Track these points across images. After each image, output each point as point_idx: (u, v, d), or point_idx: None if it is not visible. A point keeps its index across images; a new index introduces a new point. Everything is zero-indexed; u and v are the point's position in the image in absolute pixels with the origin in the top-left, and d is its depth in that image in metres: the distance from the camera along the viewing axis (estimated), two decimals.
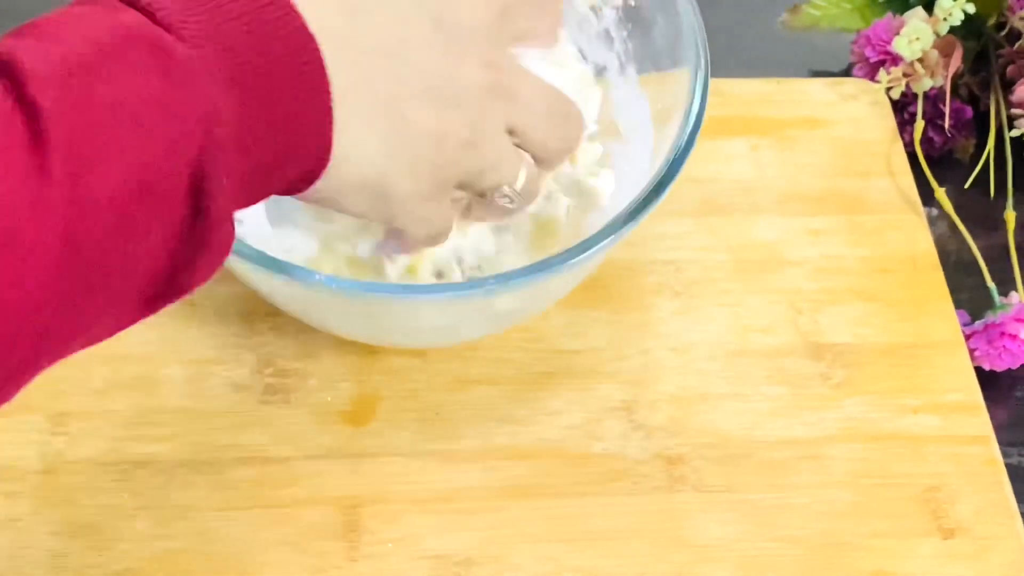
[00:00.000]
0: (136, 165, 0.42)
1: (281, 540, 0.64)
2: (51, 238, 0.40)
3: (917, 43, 0.83)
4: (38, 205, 0.40)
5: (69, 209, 0.40)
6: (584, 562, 0.64)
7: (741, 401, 0.71)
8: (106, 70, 0.42)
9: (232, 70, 0.45)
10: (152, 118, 0.42)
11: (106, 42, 0.42)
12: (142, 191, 0.42)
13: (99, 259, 0.42)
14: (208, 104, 0.44)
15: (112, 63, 0.42)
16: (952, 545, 0.66)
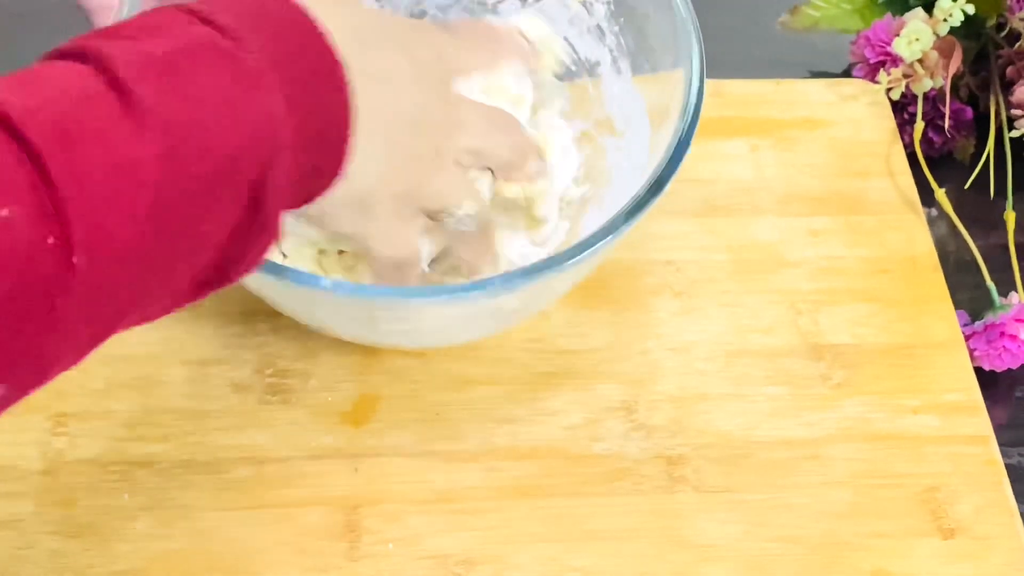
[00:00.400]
0: (214, 152, 0.46)
1: (281, 540, 0.64)
2: (145, 202, 0.43)
3: (917, 44, 0.83)
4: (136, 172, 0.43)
5: (160, 177, 0.44)
6: (584, 562, 0.64)
7: (741, 401, 0.71)
8: (186, 68, 0.46)
9: (285, 83, 0.49)
10: (229, 111, 0.46)
11: (182, 46, 0.46)
12: (221, 173, 0.46)
13: (178, 226, 0.45)
14: (272, 115, 0.48)
15: (191, 63, 0.46)
16: (952, 545, 0.66)
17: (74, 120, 0.43)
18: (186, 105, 0.45)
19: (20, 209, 0.40)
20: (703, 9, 0.96)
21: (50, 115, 0.42)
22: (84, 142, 0.42)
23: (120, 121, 0.43)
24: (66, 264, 0.42)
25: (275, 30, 0.50)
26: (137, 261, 0.44)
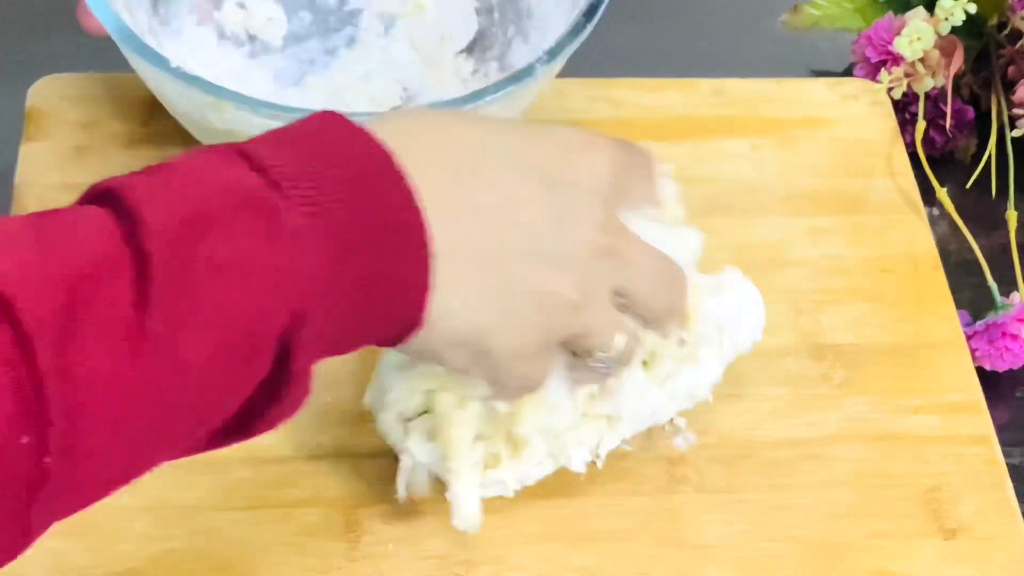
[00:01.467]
0: (230, 326, 0.43)
1: (281, 540, 0.64)
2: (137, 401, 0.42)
3: (918, 43, 0.83)
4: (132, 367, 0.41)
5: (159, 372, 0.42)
6: (585, 562, 0.64)
7: (742, 401, 0.71)
8: (216, 230, 0.44)
9: (335, 239, 0.46)
10: (253, 282, 0.44)
11: (218, 202, 0.44)
12: (231, 352, 0.44)
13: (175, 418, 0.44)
14: (308, 274, 0.45)
15: (223, 224, 0.44)
16: (953, 545, 0.66)
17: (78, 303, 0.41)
18: (201, 276, 0.43)
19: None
20: (703, 9, 0.97)
21: (52, 297, 0.40)
22: (84, 336, 0.40)
23: (128, 301, 0.41)
24: (37, 464, 0.40)
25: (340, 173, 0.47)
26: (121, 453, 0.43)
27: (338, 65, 0.82)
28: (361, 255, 0.47)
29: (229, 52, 0.80)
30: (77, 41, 0.88)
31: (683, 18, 0.95)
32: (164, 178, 0.45)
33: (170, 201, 0.44)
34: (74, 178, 0.77)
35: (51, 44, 0.89)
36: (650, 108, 0.84)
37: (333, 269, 0.46)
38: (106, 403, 0.41)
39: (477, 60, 0.82)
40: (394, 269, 0.48)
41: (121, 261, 0.42)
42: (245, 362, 0.45)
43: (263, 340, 0.45)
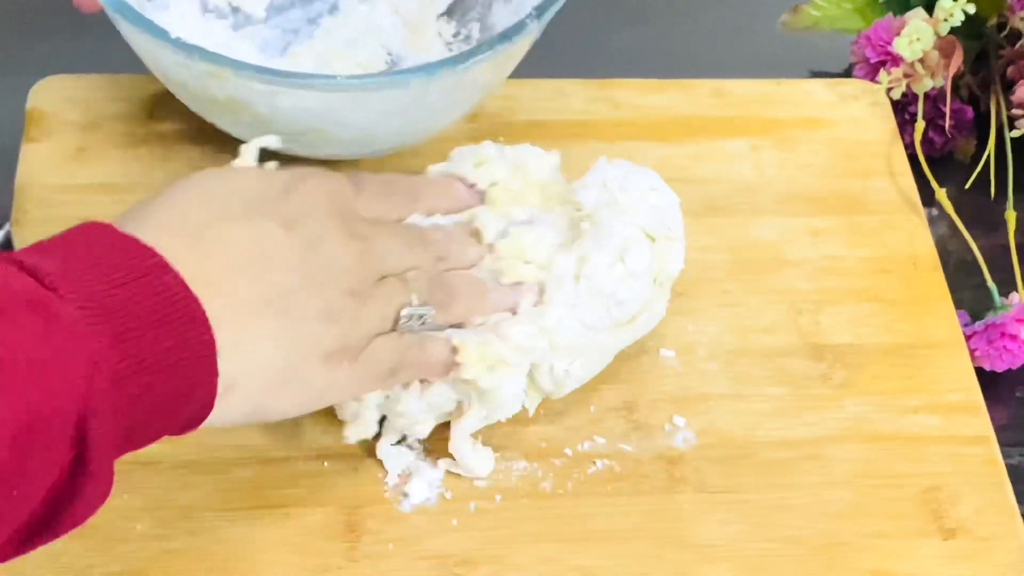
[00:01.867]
0: (22, 410, 0.44)
1: (281, 540, 0.64)
2: None
3: (918, 43, 0.83)
4: None
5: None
6: (585, 562, 0.64)
7: (741, 401, 0.71)
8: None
9: (112, 327, 0.48)
10: (36, 371, 0.45)
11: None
12: (29, 433, 0.45)
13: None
14: (88, 359, 0.47)
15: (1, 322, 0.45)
16: (953, 545, 0.66)
17: None
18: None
19: None
20: (703, 9, 0.97)
21: None
22: None
23: None
24: None
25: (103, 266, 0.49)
26: None
27: (321, 33, 0.83)
28: (142, 340, 0.49)
29: (212, 25, 0.80)
30: (78, 42, 0.88)
31: (683, 18, 0.95)
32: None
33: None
34: (75, 179, 0.77)
35: (52, 45, 0.89)
36: (650, 108, 0.84)
37: (115, 356, 0.48)
38: None
39: (459, 23, 0.82)
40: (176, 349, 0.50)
41: None
42: (42, 448, 0.46)
43: (57, 431, 0.46)
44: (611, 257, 0.67)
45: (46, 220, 0.74)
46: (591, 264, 0.66)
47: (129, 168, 0.78)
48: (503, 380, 0.64)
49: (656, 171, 0.72)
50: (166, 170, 0.78)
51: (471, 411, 0.65)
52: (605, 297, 0.66)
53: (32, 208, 0.75)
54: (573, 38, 0.89)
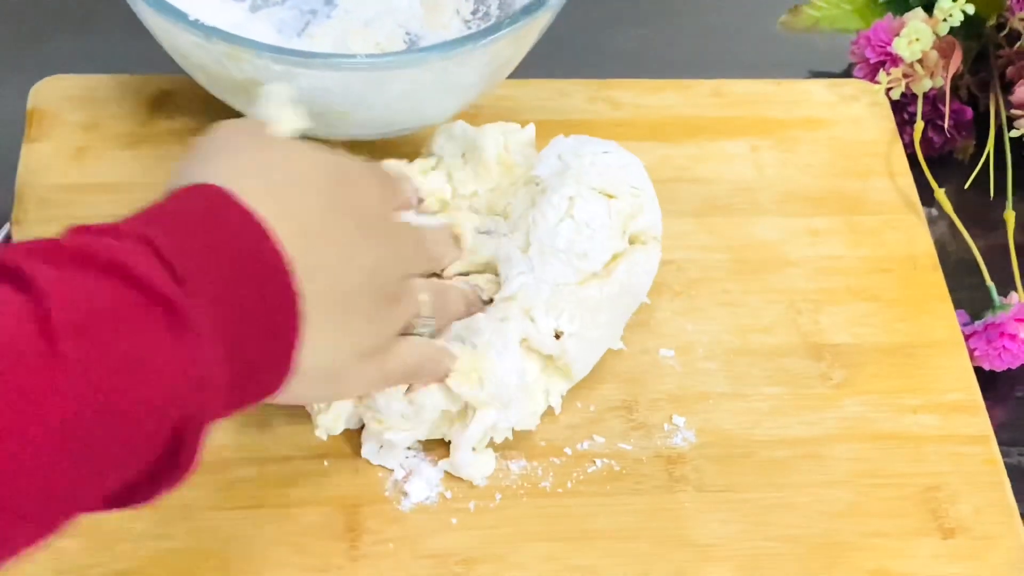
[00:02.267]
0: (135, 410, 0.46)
1: (281, 540, 0.64)
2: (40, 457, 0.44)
3: (917, 44, 0.83)
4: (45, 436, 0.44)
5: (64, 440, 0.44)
6: (585, 562, 0.64)
7: (741, 401, 0.71)
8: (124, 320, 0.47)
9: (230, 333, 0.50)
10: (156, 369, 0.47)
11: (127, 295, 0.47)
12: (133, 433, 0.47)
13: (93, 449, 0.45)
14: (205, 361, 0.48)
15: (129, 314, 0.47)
16: (952, 545, 0.66)
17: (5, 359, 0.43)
18: (113, 365, 0.46)
19: None
20: (703, 9, 0.97)
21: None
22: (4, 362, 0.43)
23: (37, 380, 0.44)
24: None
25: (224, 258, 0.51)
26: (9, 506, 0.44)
27: (339, 14, 0.83)
28: (251, 338, 0.51)
29: (230, 6, 0.80)
30: (78, 42, 0.89)
31: (683, 19, 0.95)
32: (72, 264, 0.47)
33: (78, 291, 0.46)
34: (75, 178, 0.77)
35: (52, 45, 0.89)
36: (650, 108, 0.84)
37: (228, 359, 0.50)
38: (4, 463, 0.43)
39: (476, 0, 0.82)
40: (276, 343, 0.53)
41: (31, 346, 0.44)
42: (145, 441, 0.48)
43: (164, 424, 0.48)
44: (556, 214, 0.68)
45: (46, 220, 0.74)
46: (539, 227, 0.67)
47: (129, 168, 0.78)
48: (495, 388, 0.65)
49: (656, 171, 0.72)
50: (166, 170, 0.77)
51: (473, 421, 0.65)
52: (561, 252, 0.67)
53: (32, 208, 0.75)
54: (573, 38, 0.89)
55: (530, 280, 0.67)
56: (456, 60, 0.69)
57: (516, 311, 0.66)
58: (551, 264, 0.67)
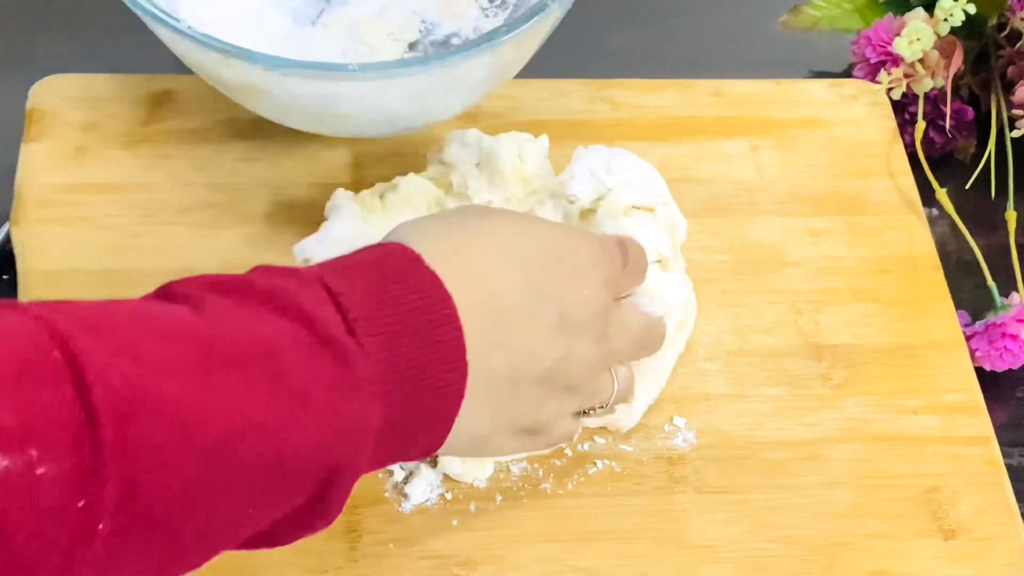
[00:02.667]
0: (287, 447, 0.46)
1: None
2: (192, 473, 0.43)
3: (918, 44, 0.83)
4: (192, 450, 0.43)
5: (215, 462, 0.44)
6: (585, 562, 0.64)
7: (741, 401, 0.71)
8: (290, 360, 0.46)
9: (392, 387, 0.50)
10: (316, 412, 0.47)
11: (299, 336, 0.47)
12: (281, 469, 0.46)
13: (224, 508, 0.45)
14: (365, 413, 0.49)
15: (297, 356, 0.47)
16: (953, 546, 0.66)
17: (149, 386, 0.43)
18: (271, 401, 0.45)
19: (57, 468, 0.40)
20: (703, 9, 0.97)
21: (126, 374, 0.42)
22: (147, 414, 0.42)
23: (192, 401, 0.43)
24: (91, 529, 0.41)
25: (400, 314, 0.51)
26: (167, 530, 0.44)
27: (355, 1, 0.82)
28: (411, 404, 0.51)
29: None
30: (77, 41, 0.88)
31: (683, 18, 0.95)
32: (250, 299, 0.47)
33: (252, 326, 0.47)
34: (75, 178, 0.77)
35: (52, 44, 0.89)
36: (650, 108, 0.84)
37: (385, 421, 0.50)
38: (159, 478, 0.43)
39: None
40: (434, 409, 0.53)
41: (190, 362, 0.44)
42: (292, 482, 0.47)
43: (314, 468, 0.48)
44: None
45: (46, 220, 0.74)
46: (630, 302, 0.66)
47: (129, 168, 0.78)
48: None
49: (656, 171, 0.72)
50: (166, 170, 0.78)
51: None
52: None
53: (31, 208, 0.75)
54: (573, 38, 0.89)
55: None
56: (452, 66, 0.69)
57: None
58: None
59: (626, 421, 0.68)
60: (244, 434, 0.44)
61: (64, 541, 0.41)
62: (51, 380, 0.41)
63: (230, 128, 0.80)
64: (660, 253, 0.68)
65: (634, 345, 0.64)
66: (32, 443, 0.40)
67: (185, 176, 0.78)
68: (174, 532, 0.44)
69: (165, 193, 0.77)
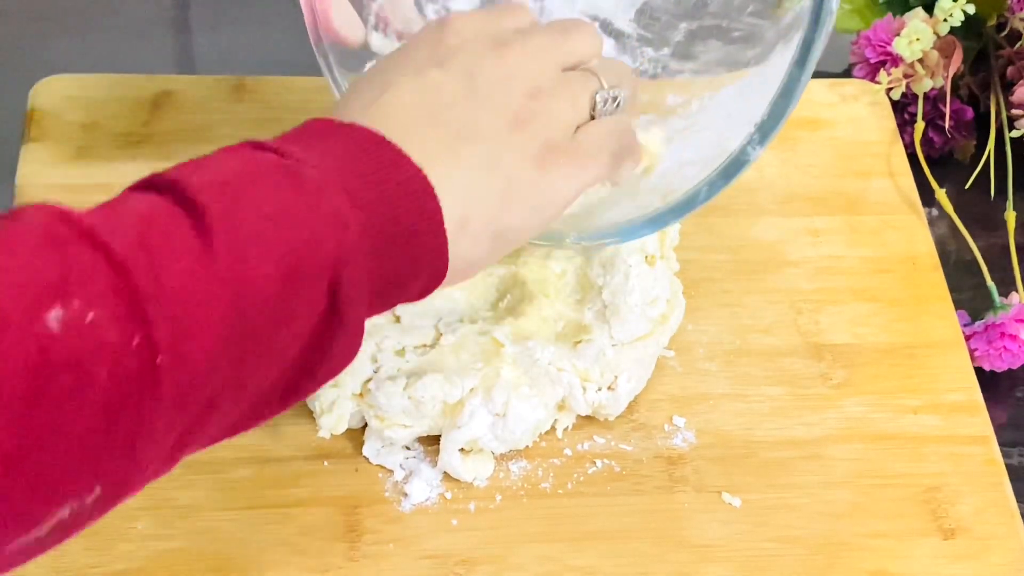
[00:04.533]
0: (284, 253, 0.48)
1: (281, 540, 0.64)
2: (221, 305, 0.46)
3: (917, 44, 0.83)
4: (210, 279, 0.46)
5: (234, 282, 0.46)
6: (584, 562, 0.64)
7: (741, 401, 0.71)
8: (251, 185, 0.49)
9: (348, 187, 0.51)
10: (291, 219, 0.49)
11: (249, 168, 0.50)
12: (291, 276, 0.48)
13: (257, 332, 0.47)
14: (337, 212, 0.50)
15: (255, 180, 0.49)
16: (952, 545, 0.66)
17: (155, 235, 0.45)
18: (251, 218, 0.47)
19: (105, 311, 0.43)
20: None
21: (133, 232, 0.45)
22: (163, 254, 0.45)
23: (193, 236, 0.46)
24: (151, 365, 0.43)
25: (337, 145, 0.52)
26: (219, 364, 0.46)
27: None
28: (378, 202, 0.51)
29: None
30: (78, 42, 0.88)
31: None
32: (192, 164, 0.50)
33: (208, 175, 0.49)
34: (74, 178, 0.77)
35: (52, 44, 0.89)
36: None
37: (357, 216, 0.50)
38: (196, 309, 0.45)
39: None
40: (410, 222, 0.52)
41: (176, 211, 0.46)
42: (305, 289, 0.48)
43: (317, 271, 0.49)
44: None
45: None
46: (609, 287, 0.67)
47: (129, 168, 0.77)
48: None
49: None
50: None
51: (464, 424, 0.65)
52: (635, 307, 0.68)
53: None
54: None
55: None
56: None
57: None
58: (628, 323, 0.68)
59: (612, 408, 0.68)
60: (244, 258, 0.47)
61: (130, 378, 0.43)
62: (73, 240, 0.43)
63: (230, 128, 0.80)
64: (645, 249, 0.68)
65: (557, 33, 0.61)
66: (74, 294, 0.42)
67: None
68: (227, 360, 0.46)
69: None
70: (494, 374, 0.66)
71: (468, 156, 0.55)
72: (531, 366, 0.66)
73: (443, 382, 0.65)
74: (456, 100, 0.57)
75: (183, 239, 0.46)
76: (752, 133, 0.64)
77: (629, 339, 0.68)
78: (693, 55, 0.70)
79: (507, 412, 0.65)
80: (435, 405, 0.65)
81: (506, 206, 0.56)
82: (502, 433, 0.66)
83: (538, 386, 0.66)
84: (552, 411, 0.67)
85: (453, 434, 0.65)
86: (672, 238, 0.72)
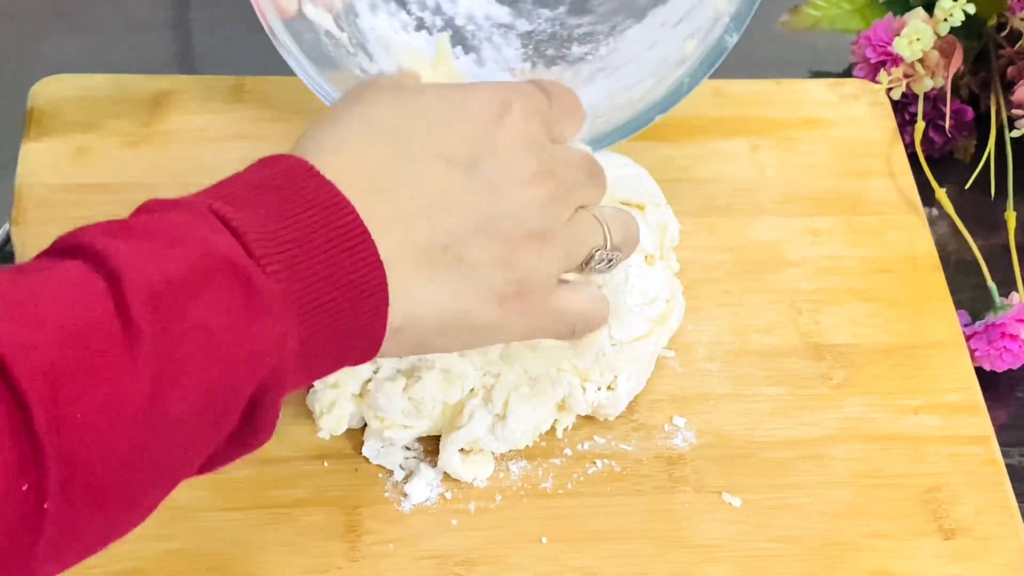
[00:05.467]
0: (209, 385, 0.46)
1: (281, 540, 0.64)
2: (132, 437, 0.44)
3: (917, 44, 0.83)
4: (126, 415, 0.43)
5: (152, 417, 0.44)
6: (584, 562, 0.64)
7: (741, 401, 0.71)
8: (196, 296, 0.46)
9: (305, 302, 0.48)
10: (230, 343, 0.46)
11: (200, 268, 0.46)
12: (215, 403, 0.46)
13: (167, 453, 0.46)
14: (280, 333, 0.47)
15: (203, 287, 0.46)
16: (952, 545, 0.66)
17: (76, 354, 0.43)
18: (188, 339, 0.45)
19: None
20: None
21: (44, 355, 0.42)
22: (77, 382, 0.43)
23: (117, 358, 0.43)
24: (37, 510, 0.42)
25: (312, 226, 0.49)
26: (115, 494, 0.45)
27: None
28: (328, 313, 0.49)
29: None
30: (78, 41, 0.88)
31: None
32: (143, 239, 0.47)
33: (151, 264, 0.46)
34: (74, 178, 0.77)
35: (52, 44, 0.89)
36: None
37: (302, 328, 0.48)
38: (101, 442, 0.43)
39: None
40: (358, 316, 0.50)
41: (109, 324, 0.44)
42: (221, 416, 0.47)
43: (243, 390, 0.47)
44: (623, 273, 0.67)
45: (46, 220, 0.74)
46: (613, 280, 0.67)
47: (129, 168, 0.78)
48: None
49: (656, 171, 0.73)
50: (166, 170, 0.78)
51: (464, 424, 0.65)
52: (635, 306, 0.68)
53: (32, 208, 0.75)
54: None
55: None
56: None
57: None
58: (627, 323, 0.68)
59: (612, 408, 0.68)
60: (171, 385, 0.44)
61: (12, 524, 0.42)
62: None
63: (230, 128, 0.80)
64: (644, 249, 0.68)
65: (585, 174, 0.59)
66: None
67: (185, 176, 0.77)
68: (119, 495, 0.45)
69: (165, 193, 0.76)
70: (494, 374, 0.66)
71: (440, 275, 0.53)
72: (531, 366, 0.66)
73: (443, 383, 0.65)
74: (465, 214, 0.54)
75: (106, 364, 0.43)
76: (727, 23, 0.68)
77: (629, 339, 0.68)
78: (589, 8, 0.70)
79: (507, 412, 0.65)
80: (435, 406, 0.65)
81: (444, 331, 0.54)
82: (502, 433, 0.66)
83: (538, 386, 0.66)
84: (552, 411, 0.67)
85: (453, 434, 0.65)
86: (672, 238, 0.72)
